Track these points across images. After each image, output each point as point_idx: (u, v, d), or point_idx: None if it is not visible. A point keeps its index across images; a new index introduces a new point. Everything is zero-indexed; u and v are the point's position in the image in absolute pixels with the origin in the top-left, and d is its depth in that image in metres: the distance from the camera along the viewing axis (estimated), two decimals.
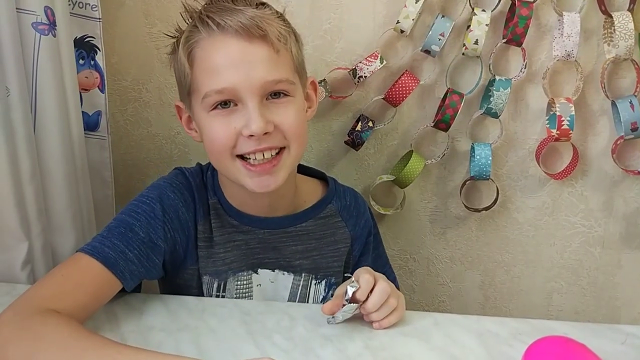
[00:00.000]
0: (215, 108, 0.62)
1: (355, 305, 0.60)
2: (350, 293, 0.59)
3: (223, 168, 0.66)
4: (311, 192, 0.75)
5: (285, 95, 0.63)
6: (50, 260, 0.76)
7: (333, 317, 0.62)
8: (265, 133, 0.61)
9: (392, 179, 0.94)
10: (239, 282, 0.71)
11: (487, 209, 0.96)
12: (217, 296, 0.71)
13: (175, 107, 0.71)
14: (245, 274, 0.71)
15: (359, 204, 0.78)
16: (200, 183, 0.71)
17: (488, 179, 0.92)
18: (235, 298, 0.71)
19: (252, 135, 0.61)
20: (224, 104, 0.62)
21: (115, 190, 0.91)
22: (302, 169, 0.77)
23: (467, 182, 0.96)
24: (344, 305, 0.60)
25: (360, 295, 0.60)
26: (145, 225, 0.64)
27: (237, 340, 0.60)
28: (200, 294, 0.71)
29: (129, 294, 0.66)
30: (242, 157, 0.63)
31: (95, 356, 0.49)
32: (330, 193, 0.76)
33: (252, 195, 0.67)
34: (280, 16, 0.66)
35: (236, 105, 0.62)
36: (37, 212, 0.73)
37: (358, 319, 0.63)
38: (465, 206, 0.96)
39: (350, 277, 0.62)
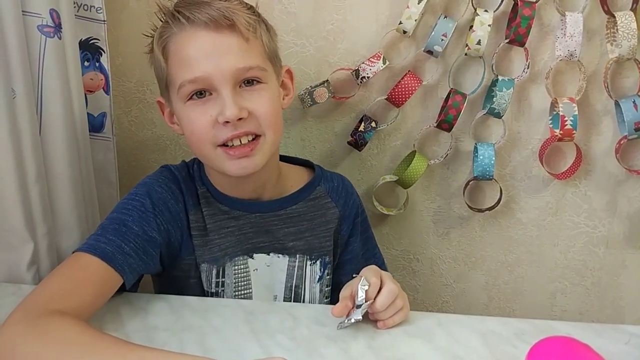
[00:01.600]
0: (190, 98, 0.65)
1: (367, 303, 0.61)
2: (363, 294, 0.60)
3: (204, 157, 0.68)
4: (297, 178, 0.78)
5: (258, 82, 0.66)
6: (55, 261, 0.76)
7: (345, 321, 0.61)
8: (240, 119, 0.63)
9: (395, 180, 0.94)
10: (236, 267, 0.73)
11: (490, 209, 0.96)
12: (217, 283, 0.72)
13: (157, 103, 0.73)
14: (241, 259, 0.73)
15: (346, 185, 0.80)
16: (187, 175, 0.73)
17: (491, 179, 0.92)
18: (235, 282, 0.73)
19: (227, 122, 0.63)
20: (200, 93, 0.64)
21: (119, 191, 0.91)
22: (288, 160, 0.80)
23: (471, 182, 0.96)
24: (357, 307, 0.60)
25: (371, 294, 0.61)
26: (137, 219, 0.65)
27: (241, 340, 0.60)
28: (199, 283, 0.72)
29: (133, 293, 0.67)
30: (222, 145, 0.65)
31: (106, 354, 0.49)
32: (318, 177, 0.78)
33: (236, 181, 0.70)
34: (250, 7, 0.68)
35: (211, 94, 0.64)
36: (43, 213, 0.73)
37: (362, 318, 0.63)
38: (469, 206, 0.96)
39: (356, 277, 0.63)
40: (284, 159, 0.79)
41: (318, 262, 0.76)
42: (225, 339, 0.60)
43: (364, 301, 0.60)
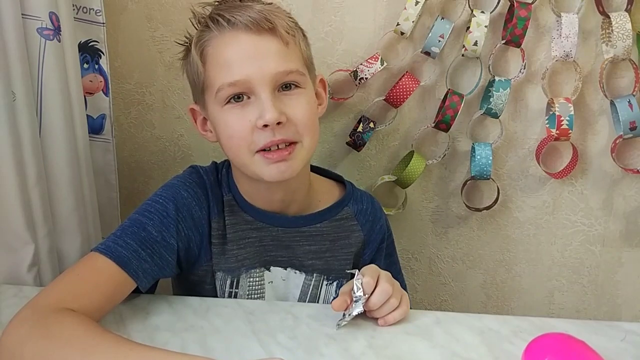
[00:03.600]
0: (228, 102, 0.63)
1: (365, 297, 0.61)
2: (358, 287, 0.61)
3: (241, 164, 0.66)
4: (327, 192, 0.76)
5: (297, 86, 0.65)
6: (56, 263, 0.77)
7: (346, 315, 0.62)
8: (279, 123, 0.62)
9: (393, 180, 0.95)
10: (251, 279, 0.72)
11: (488, 208, 0.97)
12: (230, 292, 0.71)
13: (190, 111, 0.71)
14: (257, 271, 0.72)
15: (375, 209, 0.78)
16: (215, 180, 0.71)
17: (489, 179, 0.93)
18: (248, 294, 0.72)
19: (266, 126, 0.61)
20: (238, 97, 0.63)
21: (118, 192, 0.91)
22: (319, 171, 0.78)
23: (468, 182, 0.96)
24: (355, 301, 0.61)
25: (367, 288, 0.61)
26: (158, 225, 0.64)
27: (242, 340, 0.60)
28: (214, 290, 0.71)
29: (134, 294, 0.67)
30: (260, 150, 0.64)
31: (108, 353, 0.49)
32: (348, 196, 0.76)
33: (265, 189, 0.68)
34: (288, 13, 0.68)
35: (249, 98, 0.63)
36: (43, 215, 0.73)
37: (362, 317, 0.63)
38: (467, 206, 0.97)
39: (353, 274, 0.63)
40: (314, 169, 0.76)
41: (335, 283, 0.74)
42: (226, 339, 0.60)
43: (362, 294, 0.61)
